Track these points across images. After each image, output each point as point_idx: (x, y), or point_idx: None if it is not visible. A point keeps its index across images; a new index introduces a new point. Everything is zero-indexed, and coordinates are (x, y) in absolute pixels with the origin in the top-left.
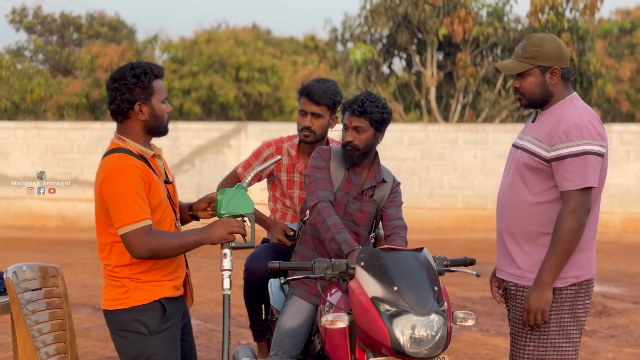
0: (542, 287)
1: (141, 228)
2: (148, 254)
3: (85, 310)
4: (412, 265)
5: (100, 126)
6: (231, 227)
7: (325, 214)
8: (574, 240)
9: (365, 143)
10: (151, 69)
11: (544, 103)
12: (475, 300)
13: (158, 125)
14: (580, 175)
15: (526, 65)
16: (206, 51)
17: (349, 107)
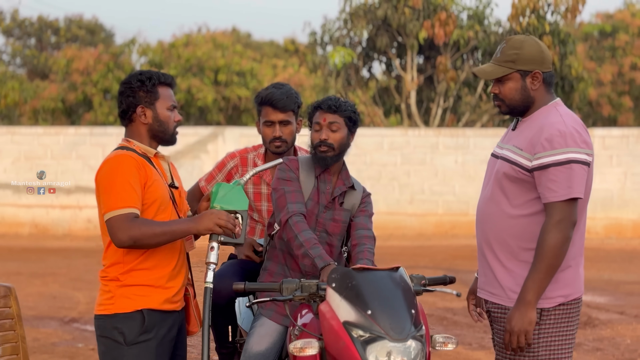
0: (525, 306)
1: (125, 214)
2: (130, 242)
3: (52, 324)
4: (388, 286)
5: (75, 131)
6: (219, 219)
7: (297, 230)
8: (559, 255)
9: (339, 142)
10: (158, 75)
11: (525, 110)
12: (456, 311)
13: (162, 131)
14: (565, 185)
15: (505, 70)
16: (184, 54)
17: (322, 105)
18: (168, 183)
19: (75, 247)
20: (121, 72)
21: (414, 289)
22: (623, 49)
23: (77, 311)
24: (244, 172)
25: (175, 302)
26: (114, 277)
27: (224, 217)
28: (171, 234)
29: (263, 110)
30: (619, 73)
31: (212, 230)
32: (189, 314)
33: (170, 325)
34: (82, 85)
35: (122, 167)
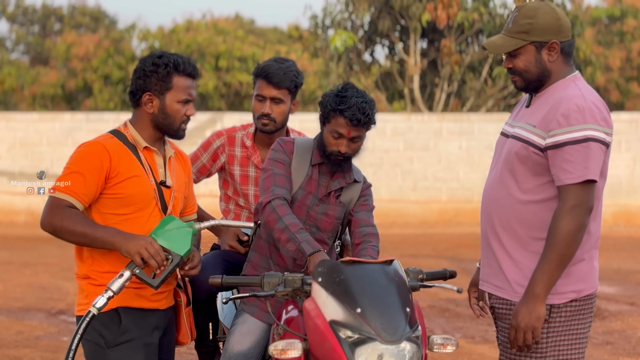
0: (534, 300)
1: (58, 199)
2: (49, 228)
3: (38, 315)
4: (380, 281)
5: (71, 117)
6: (147, 250)
7: (281, 212)
8: (572, 244)
9: (358, 150)
10: (177, 62)
11: (540, 85)
12: (459, 302)
13: (167, 124)
14: (581, 165)
15: (518, 42)
16: (185, 40)
17: (349, 115)
18: (159, 180)
19: None
20: (121, 58)
21: (410, 284)
22: (632, 34)
23: (66, 302)
24: (231, 152)
25: (154, 301)
26: (84, 275)
27: (153, 251)
28: (91, 239)
29: (257, 83)
30: (627, 58)
31: (133, 257)
32: (179, 323)
33: (154, 325)
34: (82, 71)
35: (86, 156)
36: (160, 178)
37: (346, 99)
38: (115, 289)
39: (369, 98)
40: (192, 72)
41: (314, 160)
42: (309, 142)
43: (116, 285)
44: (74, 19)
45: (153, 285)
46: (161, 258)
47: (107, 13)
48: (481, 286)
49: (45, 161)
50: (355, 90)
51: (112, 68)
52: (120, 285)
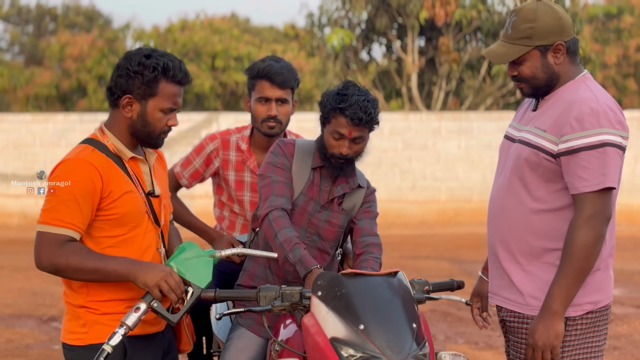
0: (552, 317)
1: (55, 235)
2: (50, 269)
3: (29, 323)
4: (384, 295)
5: (64, 118)
6: (166, 282)
7: (277, 226)
8: (590, 256)
9: (360, 153)
10: (165, 67)
11: (549, 89)
12: (461, 306)
13: (146, 133)
14: (598, 172)
15: (521, 49)
16: (180, 39)
17: (349, 114)
18: (147, 191)
19: None
20: (115, 58)
21: (416, 296)
22: (628, 31)
23: (58, 309)
24: (225, 156)
25: (156, 324)
26: (80, 305)
27: (173, 284)
28: (102, 273)
29: (258, 84)
30: (624, 55)
31: (152, 289)
32: (180, 331)
33: (158, 348)
34: (76, 71)
35: (74, 177)
36: (147, 188)
37: (347, 97)
38: (131, 324)
39: (371, 96)
40: (181, 79)
41: (314, 163)
42: (310, 144)
43: (132, 320)
44: (68, 18)
45: (172, 322)
46: (181, 291)
47: (101, 13)
48: (491, 299)
49: (39, 163)
50: (357, 89)
51: (107, 68)
52: (136, 320)
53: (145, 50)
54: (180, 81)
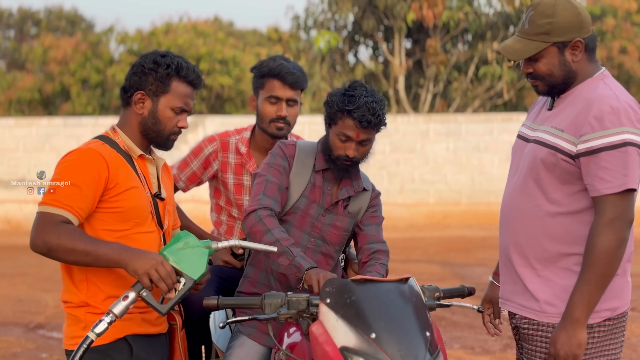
0: (574, 325)
1: (52, 214)
2: (42, 247)
3: (16, 330)
4: (396, 302)
5: (48, 122)
6: (157, 271)
7: (269, 224)
8: (613, 261)
9: (367, 155)
10: (179, 66)
11: (566, 87)
12: (455, 310)
13: (156, 131)
14: (620, 173)
15: (539, 45)
16: (164, 43)
17: (357, 116)
18: (153, 192)
19: None
20: (99, 61)
21: (427, 303)
22: (612, 33)
23: (44, 316)
24: (225, 159)
25: (158, 325)
26: (82, 302)
27: (164, 273)
28: (93, 256)
29: (268, 83)
30: (608, 57)
31: (141, 277)
32: (173, 348)
33: (161, 351)
34: (60, 75)
35: (81, 165)
36: (154, 189)
37: (354, 99)
38: (117, 313)
39: (379, 97)
40: (194, 80)
41: (318, 165)
42: (312, 145)
43: (119, 309)
44: (50, 22)
45: (161, 312)
46: (172, 281)
47: (84, 17)
48: (503, 305)
49: (22, 167)
50: (364, 89)
51: (90, 72)
52: (123, 309)
53: (161, 51)
54: (192, 82)
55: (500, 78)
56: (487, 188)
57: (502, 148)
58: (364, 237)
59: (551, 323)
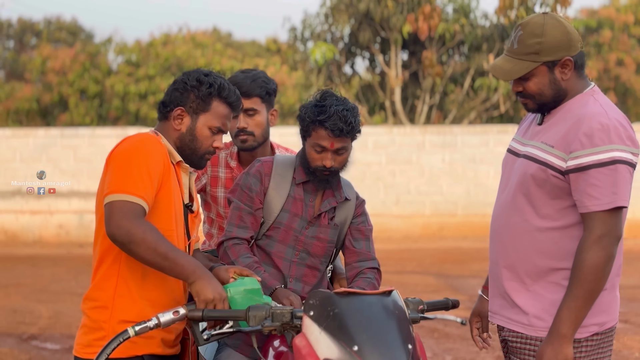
0: (560, 340)
1: (132, 203)
2: (124, 238)
3: (9, 341)
4: (378, 315)
5: (45, 133)
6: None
7: (233, 255)
8: (601, 277)
9: (344, 164)
10: (222, 88)
11: (556, 105)
12: (448, 322)
13: (192, 149)
14: (609, 191)
15: (529, 65)
16: (163, 53)
17: (329, 125)
18: (185, 202)
19: (44, 255)
20: (97, 72)
21: (410, 316)
22: (608, 45)
23: (38, 327)
24: (214, 173)
25: (174, 347)
26: (103, 304)
27: (222, 305)
28: (171, 263)
29: None
30: (605, 69)
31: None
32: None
33: None
34: (58, 85)
35: (146, 149)
36: (186, 200)
37: (325, 109)
38: (163, 322)
39: (350, 105)
40: (234, 102)
41: (298, 178)
42: (291, 158)
43: (166, 319)
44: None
45: (199, 342)
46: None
47: (83, 27)
48: (492, 318)
49: (19, 178)
50: (335, 98)
51: (89, 82)
52: (170, 321)
53: (204, 70)
54: (232, 103)
55: (496, 90)
56: (483, 200)
57: (498, 160)
58: (354, 254)
59: (539, 337)
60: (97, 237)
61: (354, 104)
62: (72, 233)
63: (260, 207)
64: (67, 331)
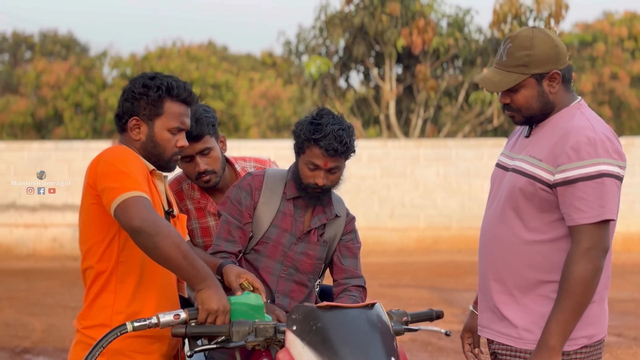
0: (549, 353)
1: (145, 198)
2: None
3: (2, 355)
4: (361, 328)
5: (39, 146)
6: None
7: None
8: (589, 290)
9: (337, 182)
10: (170, 86)
11: (543, 117)
12: (441, 335)
13: (157, 155)
14: (596, 204)
15: (518, 77)
16: (157, 67)
17: (324, 145)
18: (165, 209)
19: (38, 268)
20: (92, 86)
21: (394, 328)
22: (602, 59)
23: (31, 340)
24: (185, 207)
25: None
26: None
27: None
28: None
29: None
30: (599, 83)
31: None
32: None
33: None
34: (53, 99)
35: (131, 157)
36: (165, 206)
37: (321, 127)
38: (162, 322)
39: (346, 124)
40: (187, 98)
41: (288, 193)
42: (282, 173)
43: (166, 319)
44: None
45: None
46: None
47: (78, 41)
48: (481, 332)
49: (13, 191)
50: (331, 117)
51: (83, 96)
52: (168, 322)
53: (149, 73)
54: (185, 100)
55: (490, 104)
56: (477, 213)
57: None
58: (341, 271)
59: (529, 349)
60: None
61: (350, 123)
62: (66, 246)
63: (250, 221)
64: (60, 345)
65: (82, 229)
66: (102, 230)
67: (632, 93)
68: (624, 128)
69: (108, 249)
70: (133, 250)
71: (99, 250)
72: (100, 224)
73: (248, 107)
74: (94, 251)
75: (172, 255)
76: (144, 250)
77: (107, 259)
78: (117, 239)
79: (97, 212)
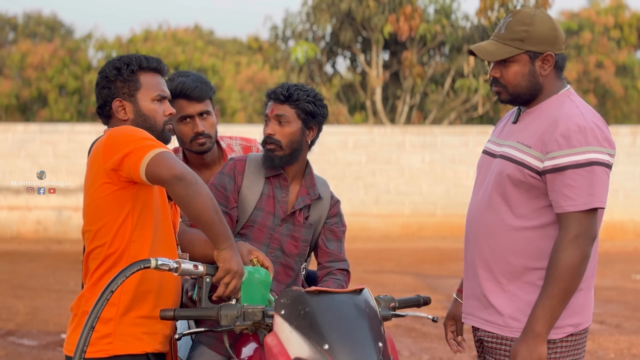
0: (535, 339)
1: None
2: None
3: None
4: (349, 313)
5: (24, 129)
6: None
7: None
8: (575, 277)
9: (289, 139)
10: (139, 59)
11: (530, 99)
12: (425, 321)
13: (149, 127)
14: (586, 192)
15: (512, 50)
16: (142, 50)
17: (272, 93)
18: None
19: (22, 251)
20: (77, 68)
21: (382, 314)
22: (588, 47)
23: (15, 323)
24: None
25: (167, 343)
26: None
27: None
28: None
29: (175, 105)
30: (584, 71)
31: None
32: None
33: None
34: (37, 80)
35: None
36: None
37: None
38: (181, 269)
39: (310, 90)
40: (158, 67)
41: (267, 172)
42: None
43: (185, 267)
44: (28, 28)
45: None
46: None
47: (63, 22)
48: (466, 320)
49: None
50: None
51: (68, 78)
52: (187, 270)
53: (114, 57)
54: (156, 69)
55: (476, 91)
56: (462, 200)
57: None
58: (325, 254)
59: (515, 337)
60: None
61: (320, 95)
62: (51, 229)
63: (235, 205)
64: (44, 327)
65: (91, 211)
66: (116, 208)
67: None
68: (609, 117)
69: (122, 227)
70: (145, 230)
71: (113, 228)
72: (114, 202)
73: (234, 92)
74: (107, 230)
75: (207, 207)
76: (182, 199)
77: (121, 237)
78: (131, 216)
79: (111, 191)
